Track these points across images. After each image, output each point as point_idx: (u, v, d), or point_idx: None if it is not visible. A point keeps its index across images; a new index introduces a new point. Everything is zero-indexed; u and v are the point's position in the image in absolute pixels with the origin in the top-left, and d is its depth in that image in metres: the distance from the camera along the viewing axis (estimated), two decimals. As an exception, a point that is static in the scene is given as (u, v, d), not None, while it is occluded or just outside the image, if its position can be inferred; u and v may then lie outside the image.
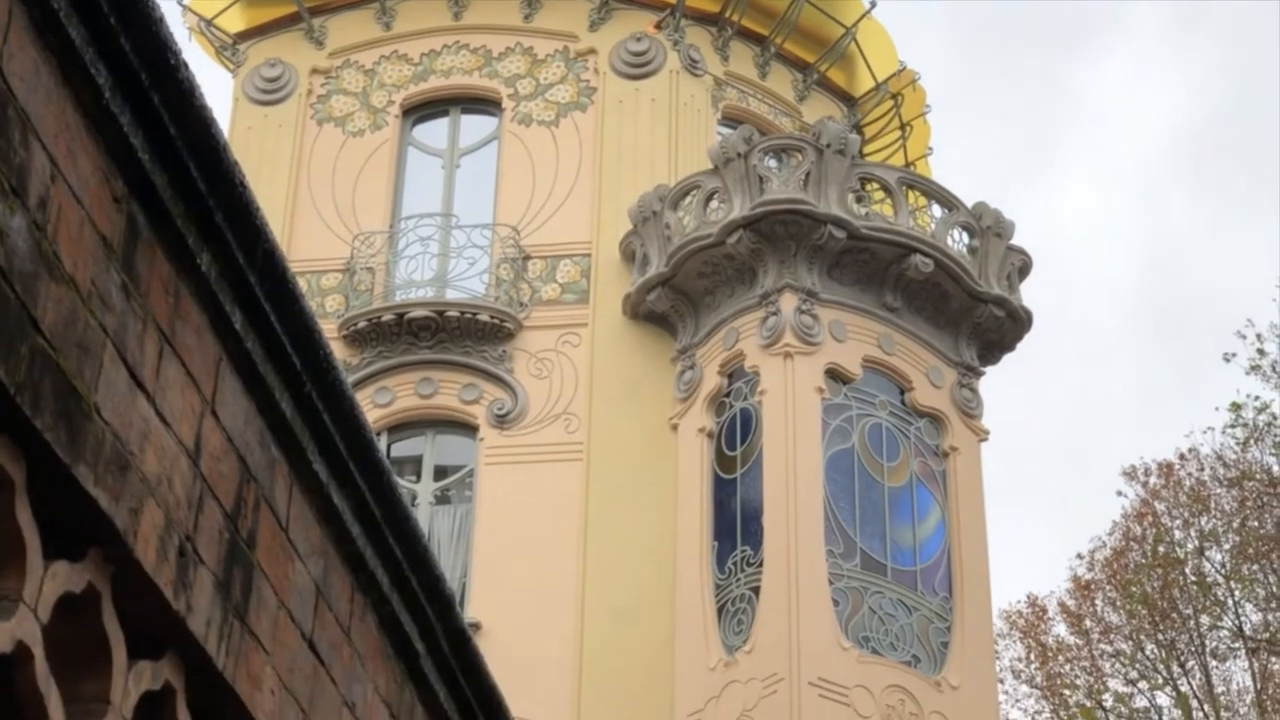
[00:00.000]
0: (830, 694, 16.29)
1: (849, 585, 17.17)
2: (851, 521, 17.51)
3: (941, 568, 18.01)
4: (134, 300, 2.35)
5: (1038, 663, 30.04)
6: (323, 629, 3.04)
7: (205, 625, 2.54)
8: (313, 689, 2.98)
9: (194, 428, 2.52)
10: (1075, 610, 29.81)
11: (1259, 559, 26.22)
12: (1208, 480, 27.60)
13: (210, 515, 2.56)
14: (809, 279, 18.22)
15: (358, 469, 3.08)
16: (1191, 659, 27.44)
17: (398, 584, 3.36)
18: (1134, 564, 28.29)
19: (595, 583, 17.78)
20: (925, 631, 17.49)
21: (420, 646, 3.51)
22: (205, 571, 2.54)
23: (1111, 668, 28.66)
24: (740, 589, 17.34)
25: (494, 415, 18.86)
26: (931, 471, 18.47)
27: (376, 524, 3.19)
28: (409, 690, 3.53)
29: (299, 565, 2.92)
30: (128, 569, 2.36)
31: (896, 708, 16.64)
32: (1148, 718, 28.01)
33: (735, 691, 16.69)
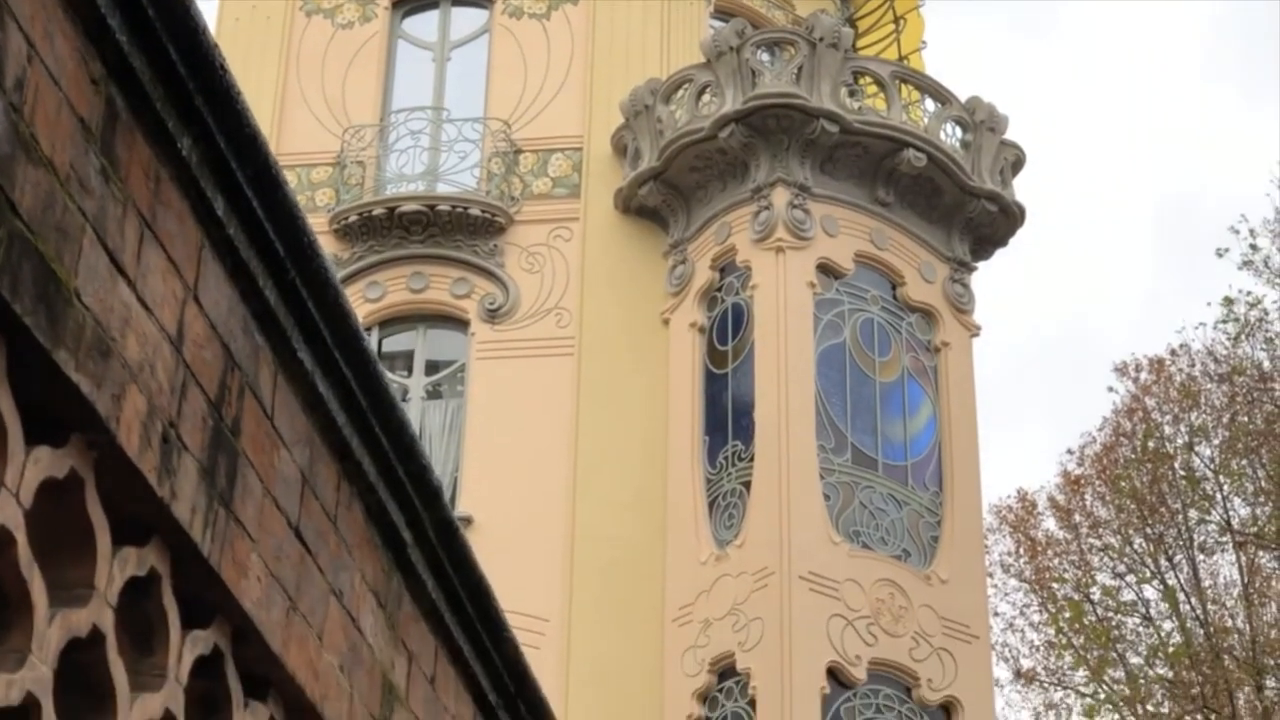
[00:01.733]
0: (821, 588, 16.40)
1: (840, 480, 17.24)
2: (843, 416, 17.55)
3: (932, 462, 18.08)
4: (113, 184, 2.32)
5: (1027, 557, 30.23)
6: (309, 517, 3.03)
7: (190, 512, 2.54)
8: (299, 577, 2.99)
9: (176, 314, 2.50)
10: (1064, 505, 29.97)
11: (1248, 454, 26.33)
12: (1198, 376, 27.67)
13: (194, 402, 2.55)
14: (801, 173, 18.15)
15: (343, 357, 3.06)
16: (1179, 553, 27.62)
17: (384, 473, 3.35)
18: (1123, 459, 28.41)
19: (586, 477, 17.84)
20: (915, 526, 17.59)
21: (407, 536, 3.51)
22: (189, 458, 2.53)
23: (1100, 561, 28.85)
24: (731, 483, 17.41)
25: (485, 310, 18.85)
26: (923, 366, 18.50)
27: (363, 413, 3.18)
28: (396, 579, 3.54)
29: (284, 453, 2.91)
30: (111, 455, 2.35)
31: (886, 601, 16.75)
32: (1135, 610, 28.23)
33: (726, 585, 16.79)
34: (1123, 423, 28.96)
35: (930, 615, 17.02)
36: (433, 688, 3.76)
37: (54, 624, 2.24)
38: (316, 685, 3.06)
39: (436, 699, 3.79)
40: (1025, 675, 29.95)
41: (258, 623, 2.79)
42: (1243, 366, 26.20)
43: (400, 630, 3.55)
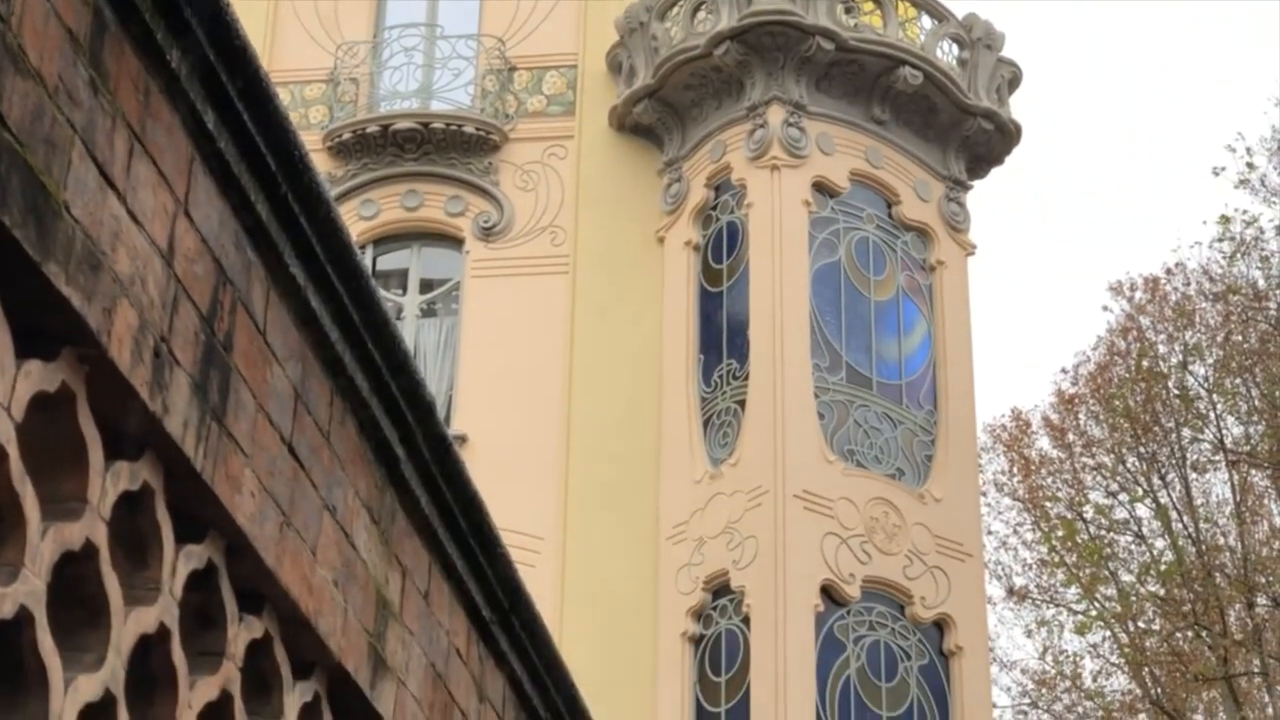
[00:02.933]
0: (815, 506, 16.45)
1: (834, 398, 17.26)
2: (837, 335, 17.56)
3: (926, 381, 18.10)
4: (102, 97, 2.31)
5: (1020, 475, 30.33)
6: (302, 433, 3.03)
7: (182, 427, 2.53)
8: (293, 492, 2.99)
9: (167, 228, 2.49)
10: (1058, 424, 30.03)
11: (1242, 373, 26.36)
12: (1193, 295, 27.67)
13: (185, 317, 2.54)
14: (796, 91, 18.07)
15: (335, 273, 3.05)
16: (1172, 471, 27.70)
17: (377, 389, 3.34)
18: (1118, 378, 28.44)
19: (581, 396, 17.86)
20: (909, 444, 17.63)
21: (400, 452, 3.51)
22: (181, 373, 2.53)
23: (1093, 480, 28.95)
24: (726, 402, 17.43)
25: (480, 228, 18.81)
26: (918, 285, 18.49)
27: (355, 328, 3.17)
28: (390, 495, 3.54)
29: (277, 369, 2.91)
30: (102, 369, 2.34)
31: (880, 520, 16.82)
32: (1127, 529, 28.35)
33: (720, 504, 16.85)
34: (1117, 342, 28.98)
35: (924, 533, 17.09)
36: (426, 603, 3.78)
37: (47, 537, 2.24)
38: (310, 600, 3.06)
39: (430, 614, 3.80)
40: (1018, 593, 30.12)
41: (251, 537, 2.80)
42: (1238, 285, 26.19)
43: (394, 545, 3.56)
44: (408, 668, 3.62)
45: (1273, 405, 25.67)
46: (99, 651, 2.39)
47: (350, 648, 3.27)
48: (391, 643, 3.52)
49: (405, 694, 3.60)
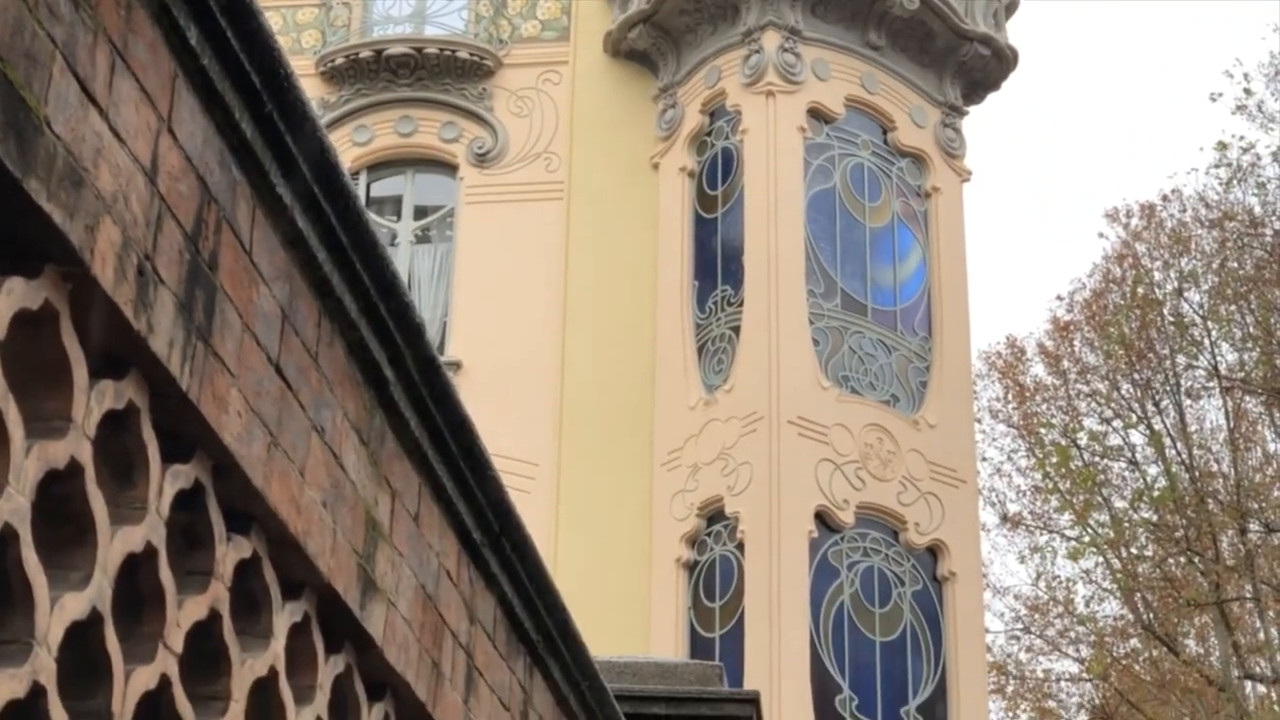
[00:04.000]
0: (809, 432, 16.48)
1: (829, 325, 17.26)
2: (832, 261, 17.54)
3: (921, 308, 18.10)
4: (83, 11, 2.28)
5: (1015, 402, 30.39)
6: (289, 353, 3.02)
7: (168, 346, 2.52)
8: (280, 412, 2.98)
9: (150, 145, 2.46)
10: (1053, 351, 30.07)
11: (1237, 300, 26.36)
12: (1189, 221, 27.64)
13: (169, 236, 2.52)
14: (792, 16, 17.97)
15: (322, 193, 3.03)
16: (1166, 398, 27.75)
17: (366, 310, 3.33)
18: (1113, 305, 28.46)
19: (575, 323, 17.86)
20: (904, 371, 17.64)
21: (389, 373, 3.50)
22: (166, 292, 2.51)
23: (1087, 407, 29.01)
24: (720, 328, 17.43)
25: (474, 154, 18.75)
26: (913, 211, 18.46)
27: (343, 249, 3.15)
28: (379, 417, 3.53)
29: (263, 289, 2.89)
30: (85, 288, 2.33)
31: (875, 446, 16.85)
32: (1121, 455, 28.43)
33: (715, 430, 16.88)
34: (1113, 269, 28.98)
35: (918, 460, 17.14)
36: (416, 525, 3.78)
37: (31, 455, 2.23)
38: (299, 520, 3.06)
39: (420, 536, 3.80)
40: (1011, 519, 30.25)
41: (238, 457, 2.79)
42: (1234, 212, 26.16)
43: (383, 468, 3.56)
44: (397, 589, 3.62)
45: (1267, 332, 25.68)
46: (85, 570, 2.39)
47: (339, 568, 3.27)
48: (381, 564, 3.52)
49: (395, 615, 3.61)
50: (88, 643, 2.41)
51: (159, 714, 2.63)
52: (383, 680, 3.65)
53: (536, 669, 4.88)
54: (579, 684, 5.25)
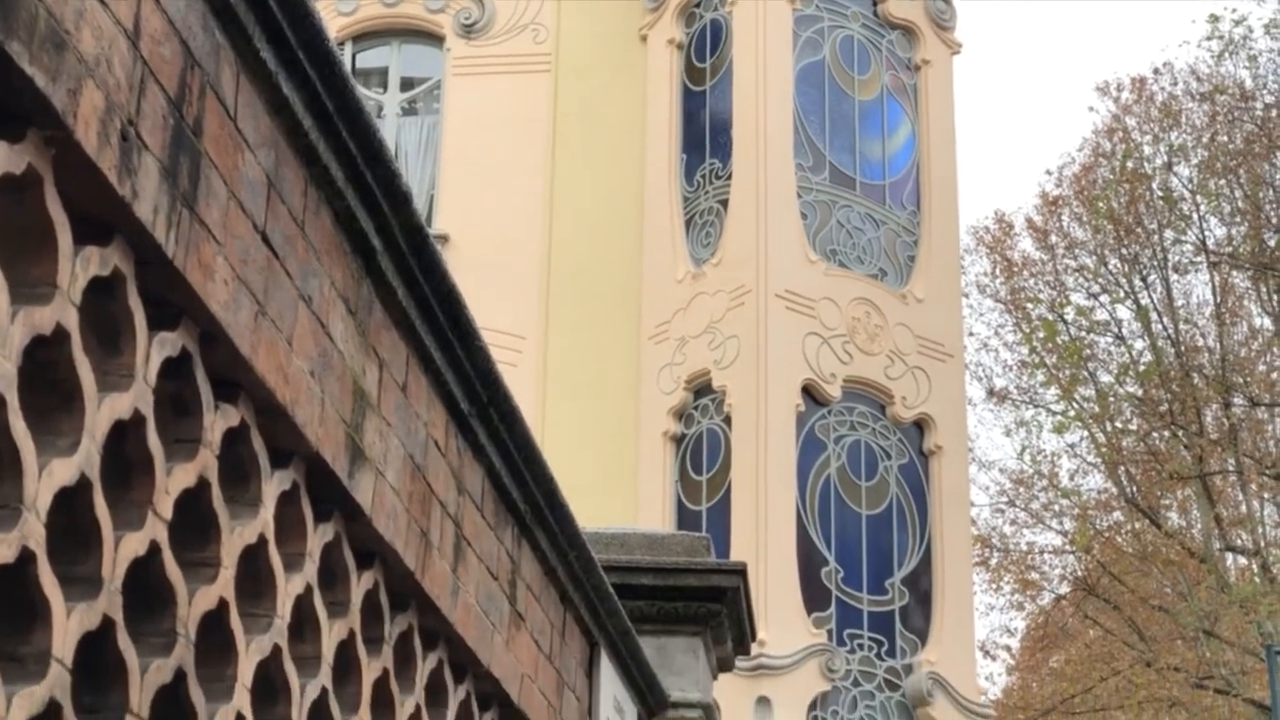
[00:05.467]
0: (797, 306, 16.49)
1: (817, 198, 17.21)
2: (821, 134, 17.45)
3: (910, 182, 18.04)
4: None
5: (1002, 277, 30.42)
6: (275, 221, 3.00)
7: (153, 212, 2.50)
8: (267, 281, 2.96)
9: (132, 8, 2.43)
10: (1041, 226, 30.05)
11: (1226, 174, 26.30)
12: (1180, 95, 27.51)
13: (153, 100, 2.50)
14: (782, -115, 17.74)
15: (307, 59, 2.99)
16: (1153, 273, 27.78)
17: (352, 179, 3.30)
18: (1102, 180, 28.39)
19: (563, 196, 17.80)
20: (892, 245, 17.62)
21: (377, 242, 3.48)
22: (150, 157, 2.49)
23: (1074, 282, 29.04)
24: (708, 201, 17.38)
25: (460, 25, 18.57)
26: (902, 85, 18.34)
27: (329, 116, 3.12)
28: (366, 286, 3.52)
29: (249, 156, 2.86)
30: (69, 152, 2.30)
31: (862, 320, 16.87)
32: (1107, 330, 28.49)
33: (702, 303, 16.88)
34: (1102, 143, 28.89)
35: (905, 334, 17.16)
36: (404, 395, 3.78)
37: (16, 321, 2.22)
38: (287, 389, 3.06)
39: (408, 406, 3.80)
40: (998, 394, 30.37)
41: (225, 325, 2.78)
42: (1224, 85, 26.03)
43: (371, 337, 3.55)
44: (386, 459, 3.63)
45: (1255, 206, 25.65)
46: (73, 436, 2.39)
47: (327, 437, 3.28)
48: (369, 434, 3.53)
49: (383, 484, 3.62)
50: (77, 509, 2.42)
51: (149, 580, 2.64)
52: (371, 549, 3.67)
53: (524, 539, 4.91)
54: (566, 554, 5.28)
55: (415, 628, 4.02)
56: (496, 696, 4.69)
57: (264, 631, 3.09)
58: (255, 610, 3.10)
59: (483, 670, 4.47)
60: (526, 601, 4.93)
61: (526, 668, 4.91)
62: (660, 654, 6.87)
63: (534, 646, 5.02)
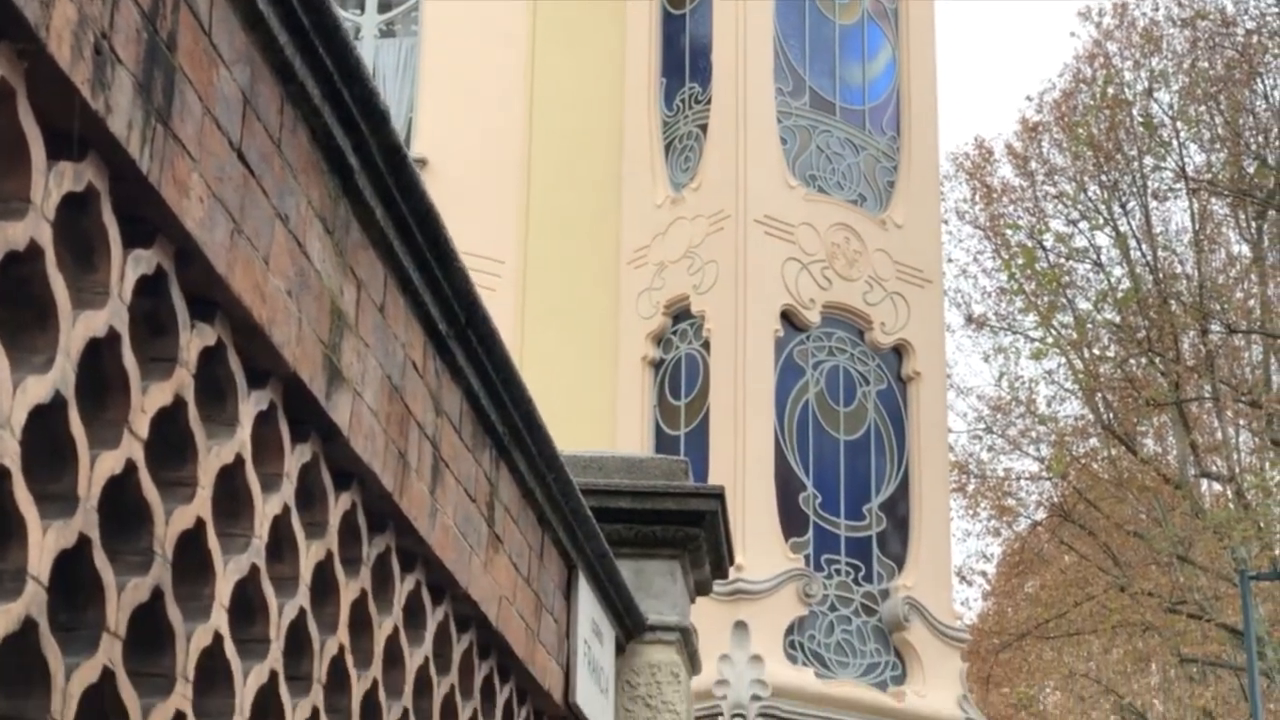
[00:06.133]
0: (776, 231, 16.46)
1: (797, 123, 17.14)
2: (801, 59, 17.36)
3: (890, 107, 17.98)
4: None
5: (982, 203, 30.40)
6: (251, 139, 2.97)
7: (126, 127, 2.47)
8: (243, 199, 2.94)
9: (104, -80, 2.40)
10: (1021, 152, 30.00)
11: (1206, 100, 26.27)
12: (1161, 20, 27.43)
13: (126, 14, 2.46)
14: None
15: (283, -27, 2.96)
16: (1133, 199, 27.79)
17: (329, 96, 3.27)
18: (1082, 106, 28.34)
19: (542, 120, 17.71)
20: (872, 170, 17.58)
21: (354, 161, 3.45)
22: (124, 72, 2.46)
23: (1054, 208, 29.04)
24: (688, 126, 17.31)
25: (438, -54, 18.41)
26: (884, 9, 18.24)
27: (305, 32, 3.09)
28: (343, 206, 3.49)
29: (224, 72, 2.83)
30: (41, 66, 2.27)
31: (841, 246, 16.84)
32: (1086, 257, 28.52)
33: (681, 228, 16.84)
34: (1083, 69, 28.81)
35: (884, 260, 17.15)
36: (382, 316, 3.76)
37: (-11, 237, 2.20)
38: (264, 309, 3.04)
39: (386, 327, 3.79)
40: (976, 320, 30.42)
41: (201, 243, 2.75)
42: (1206, 10, 25.95)
43: (348, 257, 3.53)
44: (363, 380, 3.62)
45: (1235, 133, 25.63)
46: (48, 353, 2.37)
47: (305, 358, 3.26)
48: (347, 354, 3.51)
49: (361, 405, 3.61)
50: (52, 427, 2.40)
51: (125, 499, 2.63)
52: (349, 470, 3.66)
53: (503, 461, 4.91)
54: (545, 477, 5.28)
55: (393, 549, 4.02)
56: (474, 618, 4.70)
57: (241, 551, 3.09)
58: (233, 530, 3.09)
59: (461, 592, 4.48)
60: (504, 524, 4.93)
61: (504, 590, 4.92)
62: (638, 577, 6.89)
63: (512, 569, 5.03)
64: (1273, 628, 25.96)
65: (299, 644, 3.40)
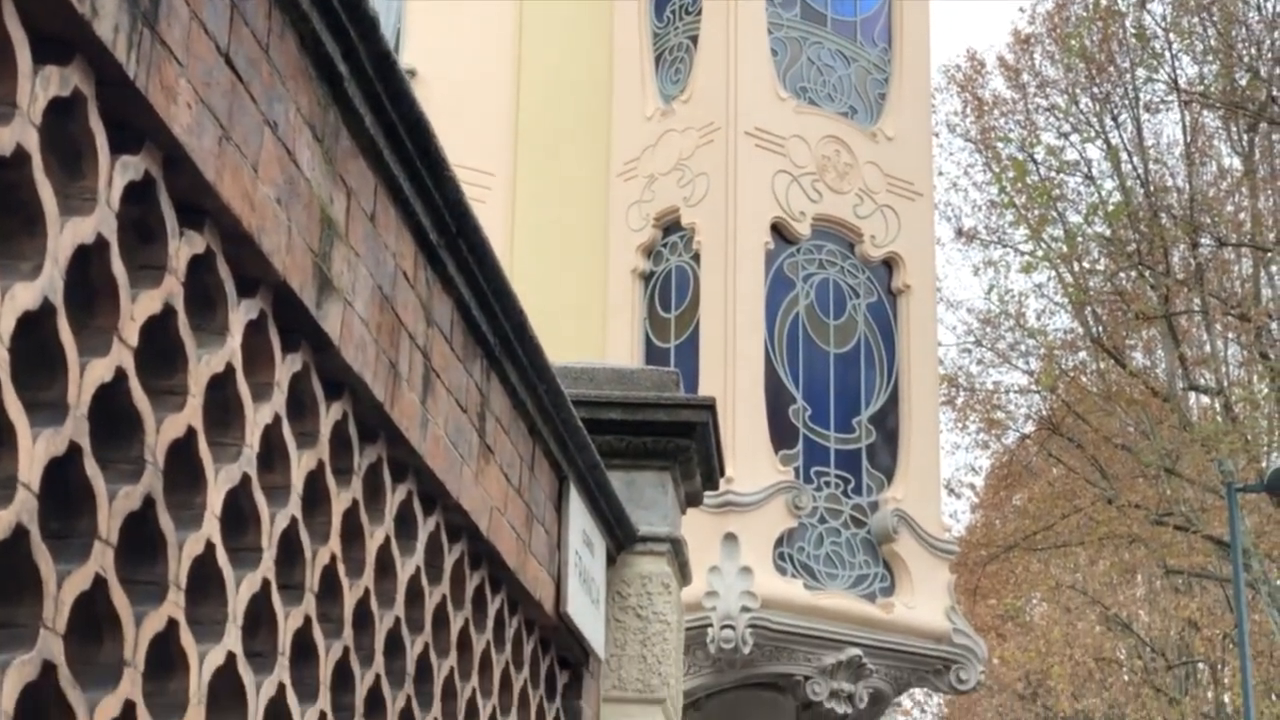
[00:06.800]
0: (766, 144, 16.38)
1: (788, 35, 17.03)
2: (792, -31, 17.23)
3: (881, 19, 17.85)
4: None
5: (973, 116, 30.27)
6: (239, 44, 2.94)
7: (113, 31, 2.44)
8: (231, 105, 2.91)
9: None
10: (1013, 64, 29.85)
11: (1199, 11, 26.12)
12: (1154, -69, 27.25)
13: (111, -85, 2.43)
14: None
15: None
16: (1124, 112, 27.69)
17: (317, 2, 3.24)
18: (1075, 17, 28.18)
19: (531, 31, 17.58)
20: (863, 83, 17.48)
21: (343, 68, 3.42)
22: (109, -25, 2.43)
23: (1045, 121, 28.94)
24: (678, 37, 17.19)
25: None
26: (875, -82, 18.09)
27: (292, -64, 3.06)
28: (333, 113, 3.46)
29: (211, -25, 2.80)
30: (25, -32, 2.25)
31: (832, 158, 16.78)
32: (1077, 169, 28.44)
33: (671, 140, 16.76)
34: (1076, -21, 28.62)
35: (875, 172, 17.09)
36: (373, 225, 3.74)
37: (-25, 142, 2.18)
38: (253, 216, 3.02)
39: (377, 236, 3.77)
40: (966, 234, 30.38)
41: (189, 150, 2.73)
42: (1200, -80, 25.78)
43: (338, 165, 3.50)
44: (354, 289, 3.60)
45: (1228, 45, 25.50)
46: (36, 260, 2.35)
47: (295, 266, 3.24)
48: (337, 263, 3.49)
49: (352, 315, 3.59)
50: (41, 334, 2.39)
51: (115, 407, 2.62)
52: (340, 380, 3.65)
53: (493, 372, 4.90)
54: (536, 387, 5.27)
55: (384, 459, 4.02)
56: (466, 529, 4.71)
57: (233, 461, 3.08)
58: (224, 439, 3.09)
59: (452, 502, 4.48)
60: (495, 434, 4.93)
61: (496, 500, 4.92)
62: (629, 488, 6.90)
63: (503, 479, 5.03)
64: (1258, 539, 26.11)
65: (291, 553, 3.41)
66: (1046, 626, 33.72)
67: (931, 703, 44.92)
